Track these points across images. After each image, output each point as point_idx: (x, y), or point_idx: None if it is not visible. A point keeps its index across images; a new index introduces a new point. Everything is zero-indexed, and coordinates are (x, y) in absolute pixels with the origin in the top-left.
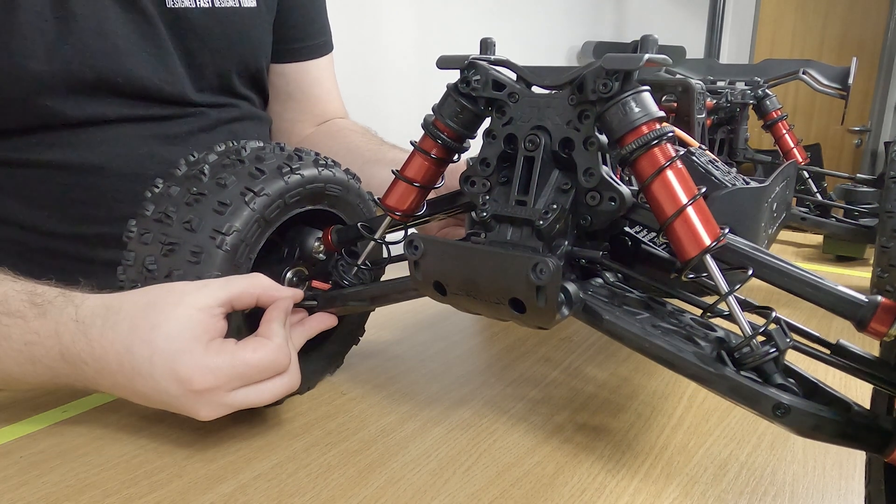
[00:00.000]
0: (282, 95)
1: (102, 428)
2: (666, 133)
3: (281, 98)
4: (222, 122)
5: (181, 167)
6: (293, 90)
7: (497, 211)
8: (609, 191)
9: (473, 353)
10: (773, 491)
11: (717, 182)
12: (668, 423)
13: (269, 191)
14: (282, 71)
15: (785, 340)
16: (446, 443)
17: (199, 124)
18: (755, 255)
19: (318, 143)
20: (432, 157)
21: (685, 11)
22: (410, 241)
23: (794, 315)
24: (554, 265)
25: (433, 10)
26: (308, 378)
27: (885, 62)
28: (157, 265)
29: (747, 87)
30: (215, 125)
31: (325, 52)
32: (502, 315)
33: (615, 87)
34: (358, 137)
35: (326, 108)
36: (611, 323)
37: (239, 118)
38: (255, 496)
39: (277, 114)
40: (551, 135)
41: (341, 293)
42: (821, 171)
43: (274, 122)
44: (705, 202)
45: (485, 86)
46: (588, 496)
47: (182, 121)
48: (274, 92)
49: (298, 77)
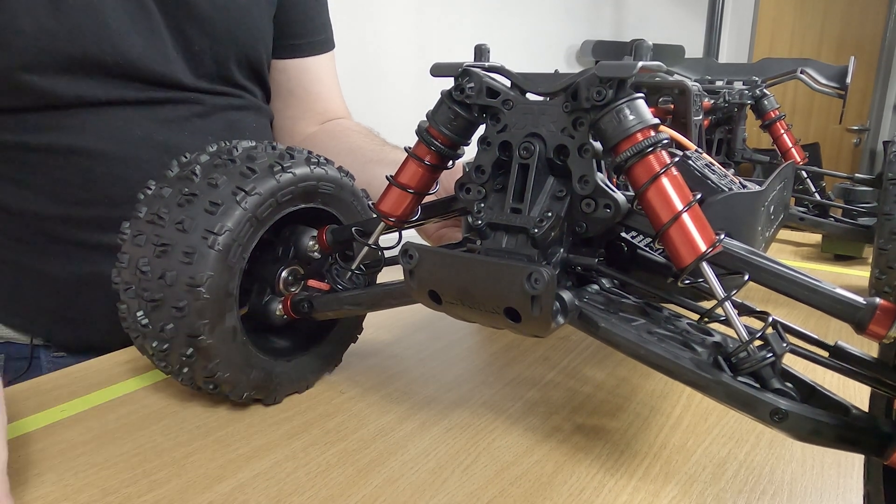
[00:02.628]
0: (283, 92)
1: (101, 427)
2: (660, 140)
3: (282, 95)
4: (219, 109)
5: (173, 168)
6: (294, 87)
7: (492, 219)
8: (604, 198)
9: (472, 352)
10: (772, 490)
11: (714, 186)
12: (666, 423)
13: (261, 190)
14: (283, 67)
15: (781, 345)
16: (445, 442)
17: (195, 110)
18: (752, 259)
19: (321, 142)
20: (426, 164)
21: (684, 10)
22: (405, 251)
23: (793, 314)
24: (548, 275)
25: (433, 10)
26: (306, 377)
27: (883, 61)
28: (151, 266)
29: (745, 87)
30: (212, 112)
31: (325, 49)
32: (497, 324)
33: (609, 94)
34: (360, 138)
35: (328, 107)
36: (606, 330)
37: (238, 107)
38: (254, 495)
39: (279, 111)
40: (546, 142)
41: (336, 297)
42: (819, 170)
43: (276, 119)
44: (701, 207)
45: (479, 93)
46: (587, 495)
47: (178, 106)
48: (275, 88)
49: (299, 73)
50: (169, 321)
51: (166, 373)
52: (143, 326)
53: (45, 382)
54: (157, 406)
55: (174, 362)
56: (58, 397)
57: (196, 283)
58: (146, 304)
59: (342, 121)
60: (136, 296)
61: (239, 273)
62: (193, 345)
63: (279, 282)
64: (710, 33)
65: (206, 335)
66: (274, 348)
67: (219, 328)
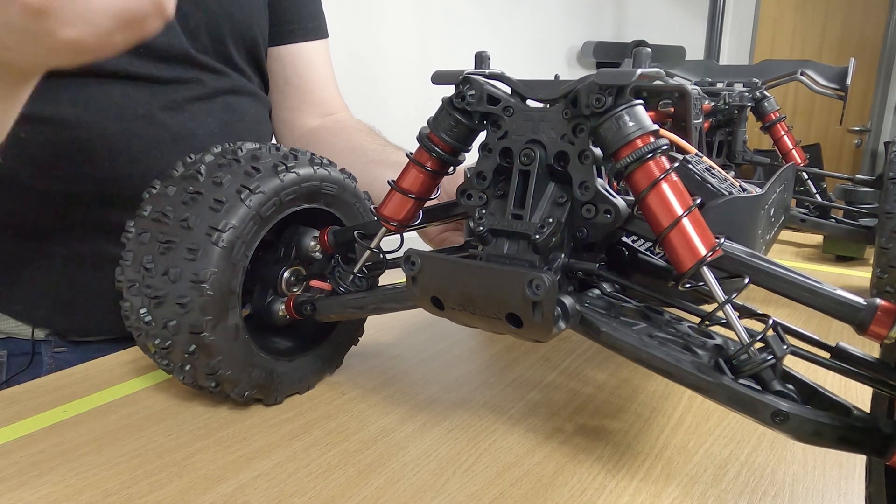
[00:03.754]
0: (280, 82)
1: (102, 428)
2: (660, 146)
3: (279, 85)
4: (220, 91)
5: (178, 168)
6: (289, 74)
7: (493, 225)
8: (604, 203)
9: (473, 353)
10: (773, 491)
11: (713, 190)
12: (667, 424)
13: (265, 188)
14: (277, 55)
15: (782, 347)
16: (446, 443)
17: (197, 92)
18: (752, 262)
19: (322, 138)
20: (427, 170)
21: (685, 11)
22: (407, 257)
23: (795, 315)
24: (549, 281)
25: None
26: (307, 378)
27: (884, 62)
28: (155, 263)
29: (745, 90)
30: (213, 94)
31: (318, 36)
32: (499, 329)
33: (608, 101)
34: (362, 137)
35: (324, 96)
36: (608, 335)
37: (236, 90)
38: (255, 496)
39: (278, 102)
40: (546, 148)
41: (339, 300)
42: (820, 171)
43: (276, 112)
44: (701, 211)
45: (479, 100)
46: (588, 496)
47: (179, 87)
48: (273, 79)
49: (294, 60)
50: (172, 317)
51: (168, 371)
52: (146, 323)
53: (46, 383)
54: (158, 407)
55: (176, 359)
56: (59, 398)
57: (200, 279)
58: (149, 301)
59: (343, 117)
60: (140, 293)
61: (242, 271)
62: (196, 341)
63: (281, 282)
64: (711, 34)
65: (208, 332)
66: (275, 348)
67: (221, 325)
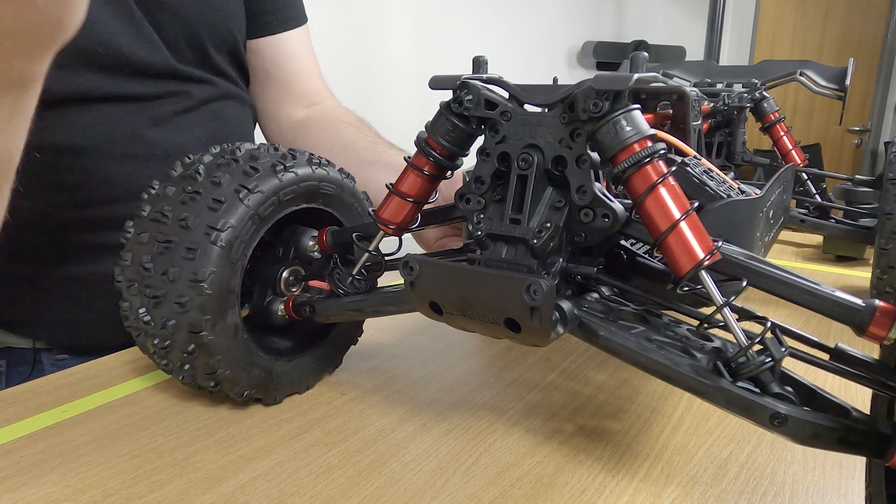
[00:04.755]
0: (260, 74)
1: (102, 428)
2: (657, 150)
3: (260, 77)
4: (205, 100)
5: (177, 169)
6: (269, 66)
7: (491, 229)
8: (602, 208)
9: (473, 354)
10: (773, 491)
11: (712, 193)
12: (667, 424)
13: (264, 188)
14: (256, 47)
15: (780, 349)
16: (446, 443)
17: (182, 105)
18: (750, 264)
19: (310, 134)
20: (425, 174)
21: (685, 11)
22: (406, 263)
23: (794, 316)
24: (547, 286)
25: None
26: (307, 378)
27: (884, 62)
28: (154, 263)
29: (744, 90)
30: (199, 105)
31: (297, 24)
32: (498, 334)
33: (605, 106)
34: (352, 131)
35: (308, 87)
36: (606, 339)
37: (220, 96)
38: (256, 496)
39: (260, 95)
40: (544, 153)
41: (338, 302)
42: (819, 172)
43: (260, 105)
44: (700, 214)
45: (477, 105)
46: (588, 496)
47: (164, 101)
48: (253, 73)
49: (274, 52)
50: (171, 317)
51: (167, 371)
52: (145, 323)
53: (46, 383)
54: (158, 407)
55: (175, 359)
56: (59, 398)
57: (199, 278)
58: (148, 301)
59: (330, 107)
60: (139, 293)
61: (241, 270)
62: (195, 341)
63: (280, 282)
64: (711, 34)
65: (207, 331)
66: (274, 348)
67: (220, 324)
